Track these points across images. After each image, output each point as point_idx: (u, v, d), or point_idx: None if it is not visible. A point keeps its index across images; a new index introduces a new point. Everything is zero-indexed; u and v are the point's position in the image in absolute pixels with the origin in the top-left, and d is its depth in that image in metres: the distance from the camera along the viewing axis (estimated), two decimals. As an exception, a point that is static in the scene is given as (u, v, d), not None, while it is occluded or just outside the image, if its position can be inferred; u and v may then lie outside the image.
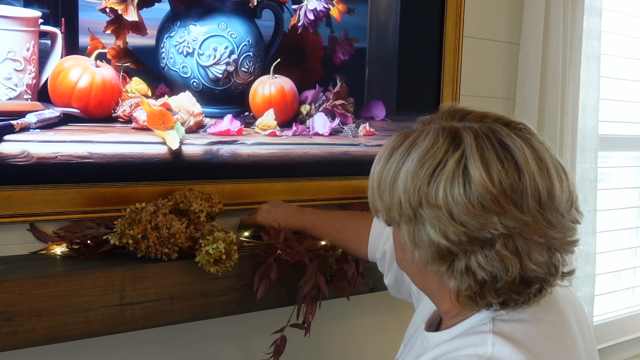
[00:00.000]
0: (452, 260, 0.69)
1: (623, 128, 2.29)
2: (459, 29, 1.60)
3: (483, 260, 0.67)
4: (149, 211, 1.09)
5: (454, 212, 0.66)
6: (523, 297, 0.71)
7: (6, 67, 1.06)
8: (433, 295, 0.80)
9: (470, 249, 0.67)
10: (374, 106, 1.50)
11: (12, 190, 1.06)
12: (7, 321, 0.95)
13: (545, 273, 0.70)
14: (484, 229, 0.65)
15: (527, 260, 0.67)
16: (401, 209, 0.70)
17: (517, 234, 0.66)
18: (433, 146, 0.69)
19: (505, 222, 0.65)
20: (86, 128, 1.14)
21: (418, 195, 0.68)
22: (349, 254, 1.22)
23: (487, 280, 0.68)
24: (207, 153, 1.27)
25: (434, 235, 0.67)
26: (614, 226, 2.31)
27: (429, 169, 0.67)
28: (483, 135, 0.68)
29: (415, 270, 0.77)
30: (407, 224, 0.70)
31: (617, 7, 2.14)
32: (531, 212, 0.66)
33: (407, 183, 0.69)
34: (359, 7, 1.44)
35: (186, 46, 1.23)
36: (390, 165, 0.72)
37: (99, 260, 1.08)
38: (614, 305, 2.32)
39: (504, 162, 0.66)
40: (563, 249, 0.71)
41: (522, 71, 1.74)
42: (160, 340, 1.27)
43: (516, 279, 0.68)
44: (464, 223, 0.66)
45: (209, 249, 1.07)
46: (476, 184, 0.65)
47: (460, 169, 0.66)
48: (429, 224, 0.68)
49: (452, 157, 0.67)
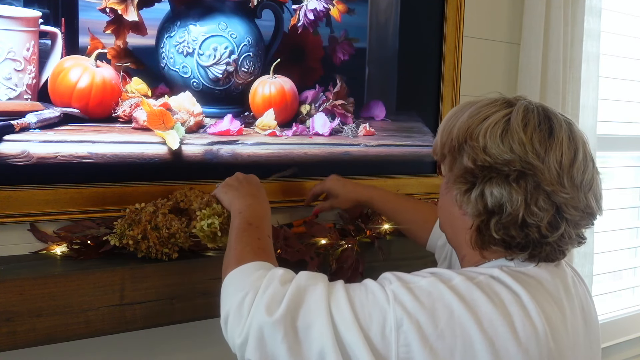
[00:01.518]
0: (472, 184, 0.82)
1: (622, 128, 2.29)
2: (459, 29, 1.60)
3: (496, 189, 0.80)
4: (149, 211, 1.09)
5: (488, 146, 0.81)
6: (520, 239, 0.81)
7: (6, 67, 1.06)
8: (457, 239, 0.91)
9: (488, 175, 0.80)
10: (374, 106, 1.50)
11: (12, 190, 1.07)
12: (7, 321, 0.95)
13: (547, 229, 0.80)
14: (506, 165, 0.79)
15: (531, 201, 0.79)
16: (451, 143, 0.86)
17: (529, 176, 0.79)
18: (489, 104, 0.86)
19: (523, 164, 0.79)
20: (86, 128, 1.14)
21: (466, 132, 0.84)
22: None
23: (495, 209, 0.80)
24: (207, 153, 1.27)
25: (466, 161, 0.83)
26: (614, 226, 2.31)
27: (481, 117, 0.84)
28: (533, 106, 0.84)
29: (447, 214, 0.91)
30: (451, 156, 0.87)
31: (617, 7, 2.14)
32: (549, 165, 0.79)
33: (462, 124, 0.85)
34: (359, 7, 1.44)
35: (186, 46, 1.23)
36: (456, 115, 0.89)
37: (99, 260, 1.08)
38: (613, 305, 2.32)
39: (541, 123, 0.81)
40: (572, 214, 0.80)
41: (523, 71, 1.74)
42: (160, 340, 1.27)
43: (519, 218, 0.79)
44: (491, 156, 0.80)
45: (203, 225, 1.05)
46: (512, 132, 0.80)
47: (503, 120, 0.82)
48: (466, 154, 0.83)
49: (501, 112, 0.83)
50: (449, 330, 0.73)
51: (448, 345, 0.73)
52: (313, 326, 0.75)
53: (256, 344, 0.77)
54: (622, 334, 2.27)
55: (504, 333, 0.74)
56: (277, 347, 0.76)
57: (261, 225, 0.98)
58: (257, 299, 0.80)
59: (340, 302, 0.76)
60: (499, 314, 0.74)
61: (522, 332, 0.74)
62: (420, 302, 0.75)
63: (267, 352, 0.77)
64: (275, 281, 0.82)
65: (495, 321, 0.74)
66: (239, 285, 0.85)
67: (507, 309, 0.75)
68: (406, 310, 0.74)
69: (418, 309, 0.74)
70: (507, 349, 0.73)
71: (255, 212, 1.00)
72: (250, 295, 0.81)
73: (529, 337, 0.74)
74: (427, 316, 0.74)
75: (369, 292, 0.77)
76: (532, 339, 0.75)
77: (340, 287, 0.79)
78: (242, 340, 0.79)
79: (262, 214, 1.01)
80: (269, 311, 0.77)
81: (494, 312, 0.74)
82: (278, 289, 0.80)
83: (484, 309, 0.74)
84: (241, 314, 0.80)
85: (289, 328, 0.76)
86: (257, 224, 0.98)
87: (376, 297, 0.76)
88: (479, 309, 0.74)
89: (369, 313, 0.75)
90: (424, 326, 0.73)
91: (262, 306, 0.78)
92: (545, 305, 0.78)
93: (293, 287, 0.80)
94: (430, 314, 0.74)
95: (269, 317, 0.77)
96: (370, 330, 0.74)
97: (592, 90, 1.90)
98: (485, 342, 0.73)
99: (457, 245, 0.92)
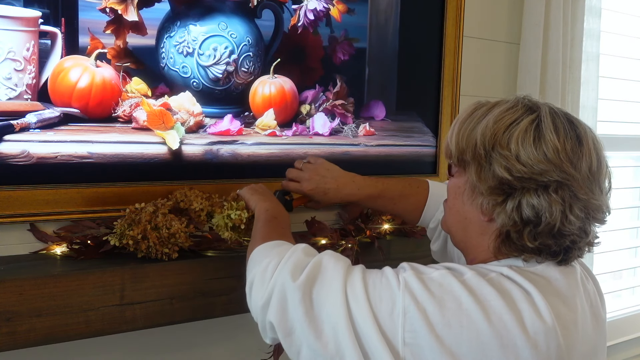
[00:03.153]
0: (508, 195, 0.81)
1: (622, 128, 2.29)
2: (459, 29, 1.60)
3: (535, 200, 0.79)
4: (149, 211, 1.09)
5: (521, 155, 0.80)
6: (555, 247, 0.82)
7: (6, 67, 1.06)
8: (468, 242, 0.90)
9: (527, 187, 0.80)
10: (374, 106, 1.50)
11: (12, 190, 1.07)
12: (7, 321, 0.95)
13: (578, 234, 0.82)
14: (543, 175, 0.79)
15: (568, 211, 0.80)
16: (475, 150, 0.84)
17: (566, 185, 0.79)
18: (512, 108, 0.84)
19: (560, 173, 0.79)
20: (86, 128, 1.14)
21: (493, 139, 0.82)
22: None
23: (532, 220, 0.80)
24: (207, 153, 1.27)
25: (499, 171, 0.81)
26: (614, 226, 2.31)
27: (506, 122, 0.82)
28: (556, 110, 0.84)
29: (460, 218, 0.89)
30: (476, 163, 0.84)
31: (617, 7, 2.14)
32: (582, 173, 0.80)
33: (486, 130, 0.83)
34: (359, 7, 1.44)
35: (186, 46, 1.23)
36: (472, 117, 0.87)
37: (99, 260, 1.08)
38: (613, 305, 2.32)
39: (568, 131, 0.81)
40: (596, 217, 0.83)
41: (522, 71, 1.74)
42: (160, 340, 1.27)
43: (555, 227, 0.80)
44: (526, 165, 0.79)
45: (231, 213, 1.07)
46: (545, 139, 0.80)
47: (532, 126, 0.81)
48: (496, 162, 0.81)
49: (527, 118, 0.82)
50: (456, 320, 0.75)
51: (454, 335, 0.74)
52: (327, 300, 0.80)
53: (278, 306, 0.82)
54: (622, 334, 2.27)
55: (513, 328, 0.75)
56: (296, 309, 0.81)
57: (284, 221, 1.05)
58: (281, 264, 0.86)
59: (355, 281, 0.80)
60: (508, 309, 0.75)
61: (531, 328, 0.75)
62: (430, 292, 0.77)
63: (287, 314, 0.82)
64: (299, 251, 0.88)
65: (504, 315, 0.75)
66: (264, 255, 0.90)
67: (517, 305, 0.76)
68: (415, 298, 0.76)
69: (427, 298, 0.76)
70: (515, 343, 0.74)
71: (280, 212, 1.06)
72: (275, 261, 0.87)
73: (538, 333, 0.75)
74: (435, 305, 0.75)
75: (384, 276, 0.81)
76: (541, 335, 0.75)
77: (358, 269, 0.83)
78: (264, 301, 0.84)
79: (286, 216, 1.07)
80: (293, 276, 0.83)
81: (504, 307, 0.75)
82: (302, 258, 0.86)
83: (493, 304, 0.76)
84: (265, 277, 0.86)
85: (306, 295, 0.81)
86: (282, 219, 1.04)
87: (389, 281, 0.79)
88: (489, 304, 0.76)
89: (380, 295, 0.78)
90: (431, 315, 0.75)
91: (286, 270, 0.84)
92: (555, 302, 0.79)
93: (316, 259, 0.86)
94: (439, 303, 0.76)
95: (293, 281, 0.82)
96: (379, 310, 0.77)
97: (592, 90, 1.90)
98: (493, 335, 0.74)
99: (466, 248, 0.91)
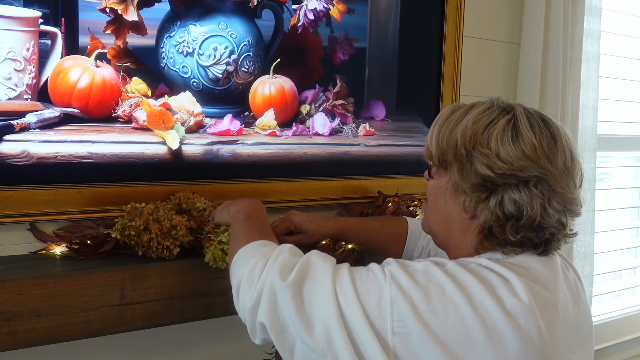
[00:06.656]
0: (491, 191, 0.85)
1: (622, 128, 2.29)
2: (459, 29, 1.60)
3: (517, 195, 0.83)
4: (150, 208, 1.09)
5: (501, 153, 0.84)
6: (536, 240, 0.85)
7: (6, 67, 1.06)
8: (451, 240, 0.93)
9: (509, 182, 0.84)
10: (374, 106, 1.50)
11: (12, 190, 1.07)
12: (7, 321, 0.95)
13: (556, 227, 0.86)
14: (523, 170, 0.83)
15: (547, 204, 0.84)
16: (456, 150, 0.87)
17: (545, 180, 0.84)
18: (489, 109, 0.89)
19: (539, 169, 0.83)
20: (86, 128, 1.14)
21: (473, 139, 0.86)
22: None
23: (514, 214, 0.84)
24: (207, 153, 1.27)
25: (481, 169, 0.84)
26: (614, 226, 2.31)
27: (484, 123, 0.86)
28: (530, 110, 0.89)
29: (443, 217, 0.92)
30: (458, 162, 0.88)
31: (617, 7, 2.14)
32: (558, 168, 0.84)
33: (466, 131, 0.87)
34: (359, 7, 1.44)
35: (186, 46, 1.23)
36: (450, 119, 0.91)
37: (99, 260, 1.08)
38: (613, 305, 2.32)
39: (543, 129, 0.86)
40: (572, 210, 0.87)
41: (523, 71, 1.74)
42: (160, 340, 1.27)
43: (536, 220, 0.84)
44: (506, 162, 0.83)
45: (222, 238, 1.07)
46: (523, 137, 0.84)
47: (510, 125, 0.85)
48: (478, 161, 0.85)
49: (503, 118, 0.86)
50: (441, 307, 0.78)
51: (441, 321, 0.78)
52: (318, 297, 0.82)
53: (268, 306, 0.84)
54: (622, 334, 2.27)
55: (494, 312, 0.78)
56: (287, 308, 0.83)
57: (260, 216, 1.05)
58: (268, 265, 0.87)
59: (343, 278, 0.83)
60: (488, 294, 0.79)
61: (511, 310, 0.79)
62: (415, 281, 0.80)
63: (278, 313, 0.84)
64: (286, 252, 0.90)
65: (485, 301, 0.79)
66: (250, 256, 0.91)
67: (496, 291, 0.80)
68: (401, 288, 0.80)
69: (412, 287, 0.80)
70: (498, 325, 0.78)
71: (251, 208, 1.07)
72: (262, 262, 0.88)
73: (518, 314, 0.79)
74: (420, 293, 0.79)
75: (370, 271, 0.85)
76: (521, 315, 0.79)
77: (345, 267, 0.86)
78: (253, 303, 0.86)
79: (258, 208, 1.08)
80: (282, 276, 0.84)
81: (484, 292, 0.79)
82: (289, 258, 0.88)
83: (475, 290, 0.79)
84: (253, 278, 0.87)
85: (297, 294, 0.83)
86: (256, 216, 1.05)
87: (375, 275, 0.83)
88: (471, 290, 0.79)
89: (367, 289, 0.81)
90: (417, 303, 0.78)
91: (274, 271, 0.85)
92: (533, 286, 0.82)
93: (304, 259, 0.88)
94: (424, 291, 0.79)
95: (282, 281, 0.84)
96: (368, 304, 0.80)
97: (592, 90, 1.90)
98: (477, 319, 0.78)
99: (449, 246, 0.95)
